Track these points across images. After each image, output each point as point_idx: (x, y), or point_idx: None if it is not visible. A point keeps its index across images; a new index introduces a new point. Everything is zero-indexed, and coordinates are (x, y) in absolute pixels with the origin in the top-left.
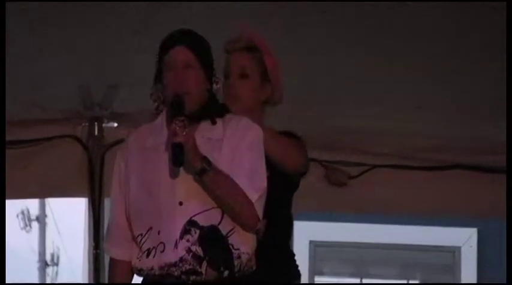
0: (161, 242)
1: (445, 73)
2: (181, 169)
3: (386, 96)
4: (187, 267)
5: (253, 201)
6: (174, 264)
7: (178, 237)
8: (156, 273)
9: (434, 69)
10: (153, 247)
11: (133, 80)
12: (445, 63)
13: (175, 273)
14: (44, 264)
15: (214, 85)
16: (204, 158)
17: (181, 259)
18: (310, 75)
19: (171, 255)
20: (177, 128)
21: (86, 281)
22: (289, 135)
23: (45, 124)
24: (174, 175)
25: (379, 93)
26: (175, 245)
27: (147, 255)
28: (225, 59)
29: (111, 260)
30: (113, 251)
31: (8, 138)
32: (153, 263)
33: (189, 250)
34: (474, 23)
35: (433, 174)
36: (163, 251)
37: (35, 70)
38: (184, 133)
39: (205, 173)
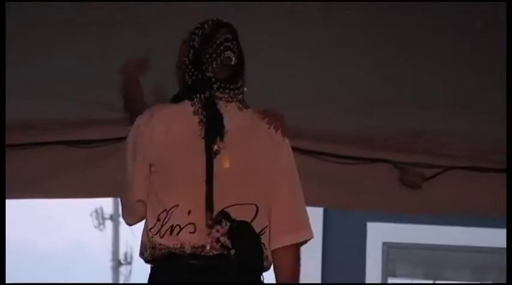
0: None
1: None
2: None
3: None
4: (215, 253)
5: None
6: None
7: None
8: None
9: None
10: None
11: None
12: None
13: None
14: (117, 263)
15: None
16: None
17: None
18: (383, 79)
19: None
20: None
21: None
22: None
23: (117, 124)
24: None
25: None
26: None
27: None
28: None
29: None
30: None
31: (84, 137)
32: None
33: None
34: None
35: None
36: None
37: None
38: None
39: None
